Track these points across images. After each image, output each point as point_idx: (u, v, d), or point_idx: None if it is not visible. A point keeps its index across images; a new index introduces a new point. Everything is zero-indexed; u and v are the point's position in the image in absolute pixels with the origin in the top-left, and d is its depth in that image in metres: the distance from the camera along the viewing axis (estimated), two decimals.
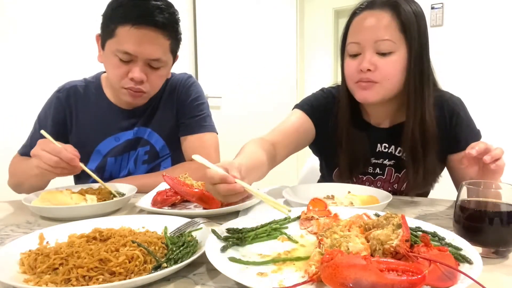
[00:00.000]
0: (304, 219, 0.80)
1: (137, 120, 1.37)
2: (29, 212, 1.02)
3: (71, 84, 1.40)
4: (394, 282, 0.47)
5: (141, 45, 1.15)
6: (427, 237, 0.59)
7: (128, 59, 1.18)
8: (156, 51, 1.19)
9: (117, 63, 1.19)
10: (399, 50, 1.06)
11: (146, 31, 1.15)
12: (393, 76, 1.07)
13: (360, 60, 1.07)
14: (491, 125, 2.77)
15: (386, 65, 1.06)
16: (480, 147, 0.85)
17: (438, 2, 3.01)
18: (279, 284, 0.55)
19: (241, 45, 3.53)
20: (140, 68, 1.19)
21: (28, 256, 0.64)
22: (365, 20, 1.07)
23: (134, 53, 1.16)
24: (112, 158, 1.37)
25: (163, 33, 1.18)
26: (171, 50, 1.25)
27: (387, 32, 1.05)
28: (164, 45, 1.21)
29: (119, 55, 1.17)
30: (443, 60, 2.98)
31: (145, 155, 1.38)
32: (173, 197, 1.00)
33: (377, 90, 1.09)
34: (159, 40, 1.18)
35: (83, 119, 1.36)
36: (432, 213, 0.98)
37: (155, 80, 1.26)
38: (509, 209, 0.66)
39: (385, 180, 1.22)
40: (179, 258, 0.63)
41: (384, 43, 1.05)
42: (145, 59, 1.18)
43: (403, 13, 1.05)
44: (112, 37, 1.17)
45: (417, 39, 1.06)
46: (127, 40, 1.15)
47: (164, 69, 1.26)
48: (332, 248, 0.59)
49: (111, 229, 0.73)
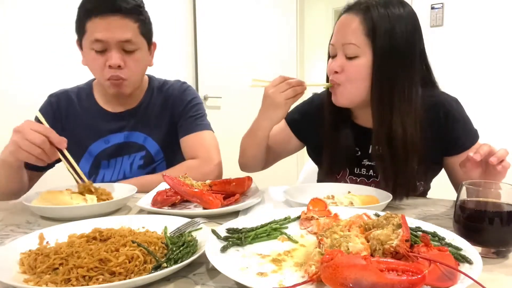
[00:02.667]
0: (304, 219, 0.80)
1: (126, 123, 1.40)
2: (29, 212, 1.02)
3: (62, 90, 1.46)
4: (394, 282, 0.47)
5: (109, 30, 1.21)
6: (427, 237, 0.59)
7: (102, 48, 1.23)
8: (125, 33, 1.23)
9: (94, 56, 1.25)
10: (365, 55, 1.05)
11: (112, 18, 1.21)
12: (356, 79, 1.07)
13: (333, 61, 1.10)
14: (491, 125, 2.77)
15: (350, 68, 1.07)
16: (484, 150, 0.84)
17: (438, 2, 3.01)
18: (279, 284, 0.55)
19: (241, 45, 3.53)
20: (115, 54, 1.24)
21: (28, 256, 0.64)
22: (339, 23, 1.11)
23: (104, 39, 1.21)
24: (105, 161, 1.39)
25: (129, 17, 1.24)
26: (141, 33, 1.29)
27: (353, 36, 1.05)
28: (132, 28, 1.26)
29: (93, 46, 1.23)
30: (443, 60, 2.99)
31: (140, 160, 1.41)
32: (173, 197, 1.00)
33: (341, 92, 1.10)
34: (126, 23, 1.24)
35: (73, 122, 1.40)
36: (432, 213, 0.98)
37: (133, 65, 1.29)
38: (509, 209, 0.66)
39: (378, 182, 1.18)
40: (179, 258, 0.63)
41: (349, 47, 1.06)
42: (117, 42, 1.23)
43: (374, 18, 1.03)
44: (84, 33, 1.25)
45: (385, 44, 1.03)
46: (96, 29, 1.22)
47: (139, 52, 1.30)
48: (332, 248, 0.59)
49: (111, 229, 0.73)
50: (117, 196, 1.08)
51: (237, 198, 1.02)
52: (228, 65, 3.47)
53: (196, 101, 1.47)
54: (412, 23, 1.07)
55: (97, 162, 1.39)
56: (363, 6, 1.06)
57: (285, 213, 0.83)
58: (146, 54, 1.35)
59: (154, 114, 1.43)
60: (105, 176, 1.39)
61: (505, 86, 2.82)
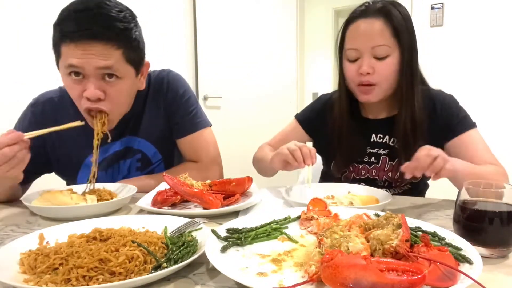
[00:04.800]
0: (304, 219, 0.80)
1: (122, 130, 1.30)
2: (29, 212, 1.02)
3: (45, 96, 1.31)
4: (394, 282, 0.47)
5: (84, 56, 1.04)
6: (427, 237, 0.59)
7: (78, 75, 1.08)
8: (104, 59, 1.06)
9: (71, 84, 1.10)
10: (394, 53, 1.16)
11: (88, 45, 1.04)
12: (390, 77, 1.18)
13: (359, 64, 1.18)
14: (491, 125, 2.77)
15: (383, 67, 1.16)
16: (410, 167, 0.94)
17: (438, 2, 3.01)
18: (279, 284, 0.55)
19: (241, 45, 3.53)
20: (93, 84, 1.07)
21: (28, 256, 0.64)
22: (361, 28, 1.17)
23: (79, 65, 1.05)
24: (103, 172, 1.31)
25: (110, 43, 1.06)
26: (126, 59, 1.11)
27: (382, 38, 1.14)
28: (114, 55, 1.07)
29: (68, 71, 1.08)
30: (443, 60, 2.99)
31: (137, 163, 1.35)
32: (173, 197, 1.00)
33: (377, 92, 1.21)
34: (106, 50, 1.06)
35: (64, 134, 1.19)
36: (432, 213, 0.98)
37: (115, 96, 1.12)
38: (509, 209, 0.66)
39: (380, 169, 1.30)
40: (179, 258, 0.63)
41: (380, 48, 1.15)
42: (94, 70, 1.06)
43: (394, 19, 1.15)
44: (60, 56, 1.09)
45: (407, 41, 1.16)
46: (70, 55, 1.05)
47: (123, 82, 1.13)
48: (332, 248, 0.59)
49: (111, 229, 0.73)
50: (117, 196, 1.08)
51: (237, 198, 1.02)
52: (228, 65, 3.47)
53: (188, 93, 1.36)
54: (411, 21, 1.20)
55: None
56: (381, 9, 1.16)
57: (285, 213, 0.83)
58: (134, 81, 1.18)
59: (146, 115, 1.33)
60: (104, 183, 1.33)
61: (505, 86, 2.82)
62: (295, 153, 1.09)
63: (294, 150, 1.09)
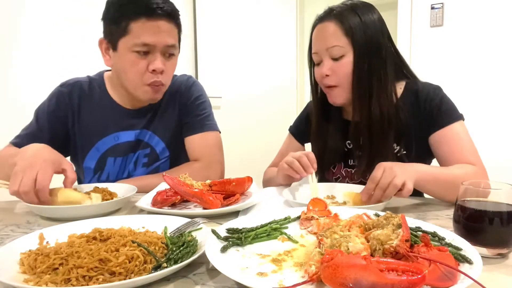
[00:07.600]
0: (304, 219, 0.80)
1: (138, 121, 1.37)
2: (29, 212, 1.02)
3: (75, 80, 1.39)
4: (394, 282, 0.47)
5: (158, 34, 1.19)
6: (427, 237, 0.59)
7: (146, 51, 1.20)
8: (171, 38, 1.23)
9: (135, 59, 1.20)
10: (348, 53, 1.17)
11: (160, 22, 1.19)
12: (348, 76, 1.18)
13: (321, 67, 1.20)
14: (490, 124, 2.77)
15: (340, 68, 1.18)
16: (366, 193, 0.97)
17: (438, 2, 3.01)
18: (279, 284, 0.55)
19: (241, 45, 3.53)
20: (160, 58, 1.22)
21: (28, 256, 0.64)
22: (317, 32, 1.22)
23: (153, 43, 1.19)
24: (112, 158, 1.36)
25: (173, 22, 1.23)
26: (179, 40, 1.29)
27: (334, 38, 1.17)
28: (175, 32, 1.25)
29: (137, 49, 1.19)
30: (443, 60, 2.99)
31: (144, 158, 1.38)
32: (173, 197, 1.00)
33: (340, 93, 1.21)
34: (171, 28, 1.23)
35: (85, 115, 1.35)
36: (432, 213, 0.98)
37: (170, 71, 1.29)
38: (509, 209, 0.66)
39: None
40: (179, 258, 0.63)
41: (334, 49, 1.17)
42: (163, 47, 1.21)
43: (346, 20, 1.16)
44: (125, 34, 1.19)
45: (362, 41, 1.15)
46: (144, 32, 1.17)
47: (176, 58, 1.30)
48: (332, 248, 0.59)
49: (111, 229, 0.73)
50: None
51: (237, 198, 1.02)
52: (228, 65, 3.47)
53: (203, 98, 1.45)
54: (377, 17, 1.19)
55: (103, 159, 1.35)
56: (335, 12, 1.18)
57: (285, 213, 0.83)
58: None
59: (162, 111, 1.40)
60: (110, 174, 1.37)
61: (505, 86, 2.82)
62: (294, 165, 1.11)
63: (292, 162, 1.12)
